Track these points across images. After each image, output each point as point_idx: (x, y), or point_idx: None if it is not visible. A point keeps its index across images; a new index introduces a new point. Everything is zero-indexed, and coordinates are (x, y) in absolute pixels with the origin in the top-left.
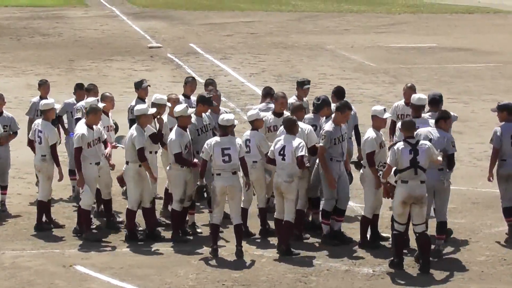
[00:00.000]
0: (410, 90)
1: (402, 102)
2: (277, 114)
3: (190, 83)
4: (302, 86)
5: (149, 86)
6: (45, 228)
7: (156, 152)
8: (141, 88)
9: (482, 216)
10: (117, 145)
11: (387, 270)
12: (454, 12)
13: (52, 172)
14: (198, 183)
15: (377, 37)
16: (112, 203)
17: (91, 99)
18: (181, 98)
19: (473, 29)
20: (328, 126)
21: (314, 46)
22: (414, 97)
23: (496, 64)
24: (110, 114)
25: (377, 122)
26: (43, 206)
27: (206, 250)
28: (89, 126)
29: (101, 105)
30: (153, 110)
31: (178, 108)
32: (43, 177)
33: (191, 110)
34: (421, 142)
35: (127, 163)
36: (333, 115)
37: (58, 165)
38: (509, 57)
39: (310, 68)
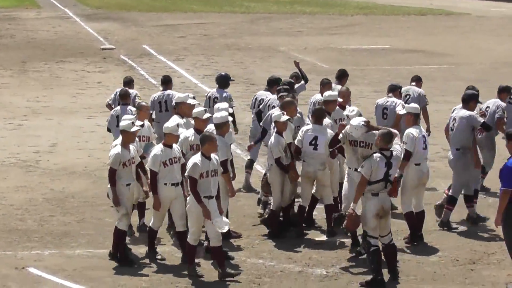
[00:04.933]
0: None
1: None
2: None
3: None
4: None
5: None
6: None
7: None
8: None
9: (435, 217)
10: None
11: (340, 271)
12: (406, 14)
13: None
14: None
15: (330, 38)
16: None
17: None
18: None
19: (426, 31)
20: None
21: (267, 47)
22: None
23: (448, 65)
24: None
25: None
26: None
27: (161, 252)
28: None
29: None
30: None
31: (276, 112)
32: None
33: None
34: (394, 154)
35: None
36: None
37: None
38: (461, 58)
39: (263, 70)
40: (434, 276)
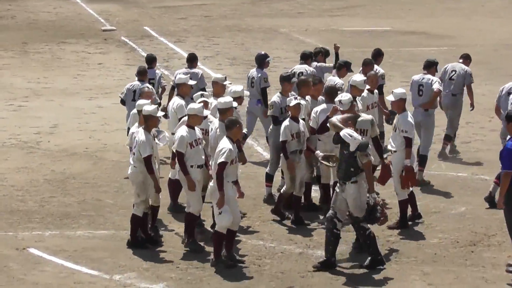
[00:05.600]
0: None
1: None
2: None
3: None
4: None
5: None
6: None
7: None
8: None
9: (435, 198)
10: (157, 142)
11: (341, 252)
12: None
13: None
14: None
15: (331, 20)
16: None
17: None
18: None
19: (427, 13)
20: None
21: (268, 29)
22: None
23: (449, 47)
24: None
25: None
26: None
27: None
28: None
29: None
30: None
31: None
32: None
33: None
34: None
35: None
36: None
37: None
38: (462, 40)
39: (264, 51)
40: (435, 257)
